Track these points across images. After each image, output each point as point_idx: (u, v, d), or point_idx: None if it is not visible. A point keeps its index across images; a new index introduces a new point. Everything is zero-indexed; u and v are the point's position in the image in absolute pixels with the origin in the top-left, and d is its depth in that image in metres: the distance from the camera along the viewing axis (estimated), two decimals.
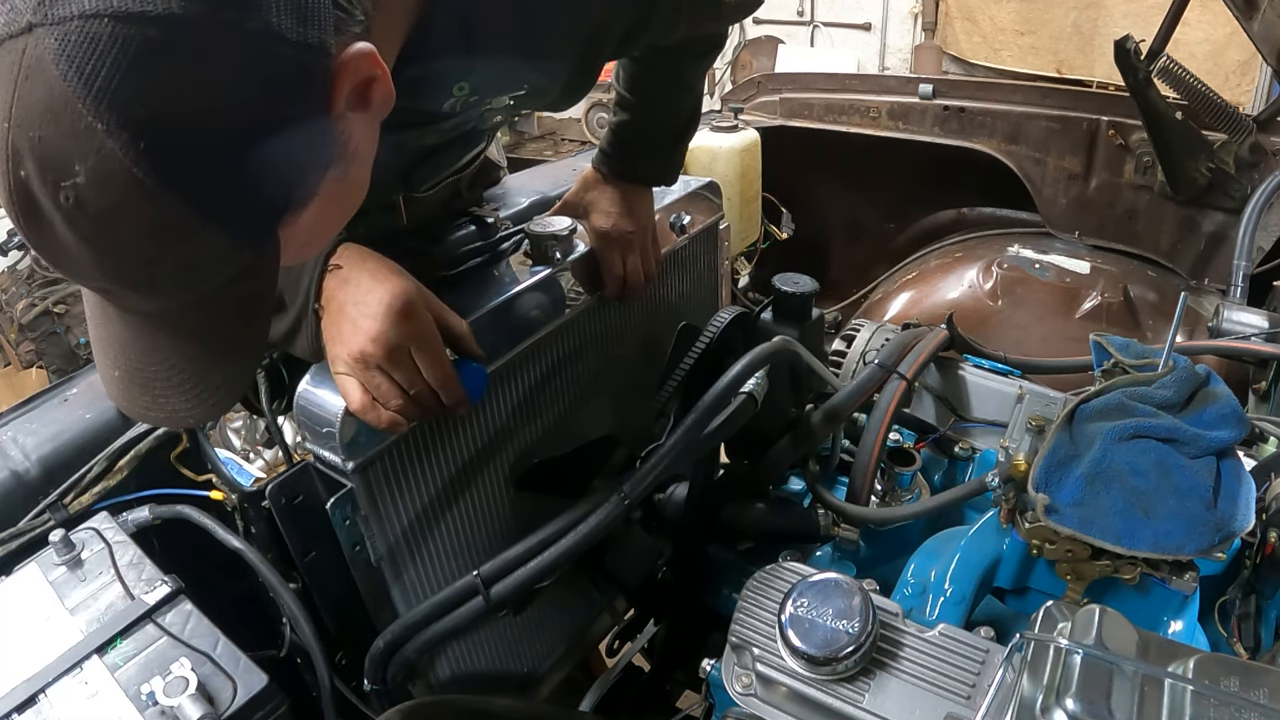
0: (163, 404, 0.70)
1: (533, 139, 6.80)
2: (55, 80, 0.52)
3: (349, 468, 1.04)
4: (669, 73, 1.26)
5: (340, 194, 0.71)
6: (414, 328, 0.93)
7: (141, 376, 0.69)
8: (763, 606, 0.89)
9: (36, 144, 0.53)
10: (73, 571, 0.99)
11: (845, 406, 1.23)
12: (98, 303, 0.69)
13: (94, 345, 0.72)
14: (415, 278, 0.99)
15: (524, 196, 1.79)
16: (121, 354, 0.69)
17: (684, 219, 1.51)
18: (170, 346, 0.68)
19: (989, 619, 1.03)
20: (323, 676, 1.10)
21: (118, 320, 0.68)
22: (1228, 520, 0.91)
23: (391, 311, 0.92)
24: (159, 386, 0.69)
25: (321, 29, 0.60)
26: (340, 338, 0.94)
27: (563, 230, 1.25)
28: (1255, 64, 4.50)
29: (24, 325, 4.07)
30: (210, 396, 0.71)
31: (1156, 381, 1.03)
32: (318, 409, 1.03)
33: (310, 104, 0.62)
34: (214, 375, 0.71)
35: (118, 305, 0.67)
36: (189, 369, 0.69)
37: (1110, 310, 2.20)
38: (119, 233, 0.57)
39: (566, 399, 1.35)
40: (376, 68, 0.65)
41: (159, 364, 0.69)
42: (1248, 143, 2.21)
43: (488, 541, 1.27)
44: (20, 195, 0.56)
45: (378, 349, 0.92)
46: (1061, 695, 0.68)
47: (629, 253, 1.31)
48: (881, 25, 6.05)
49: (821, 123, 2.78)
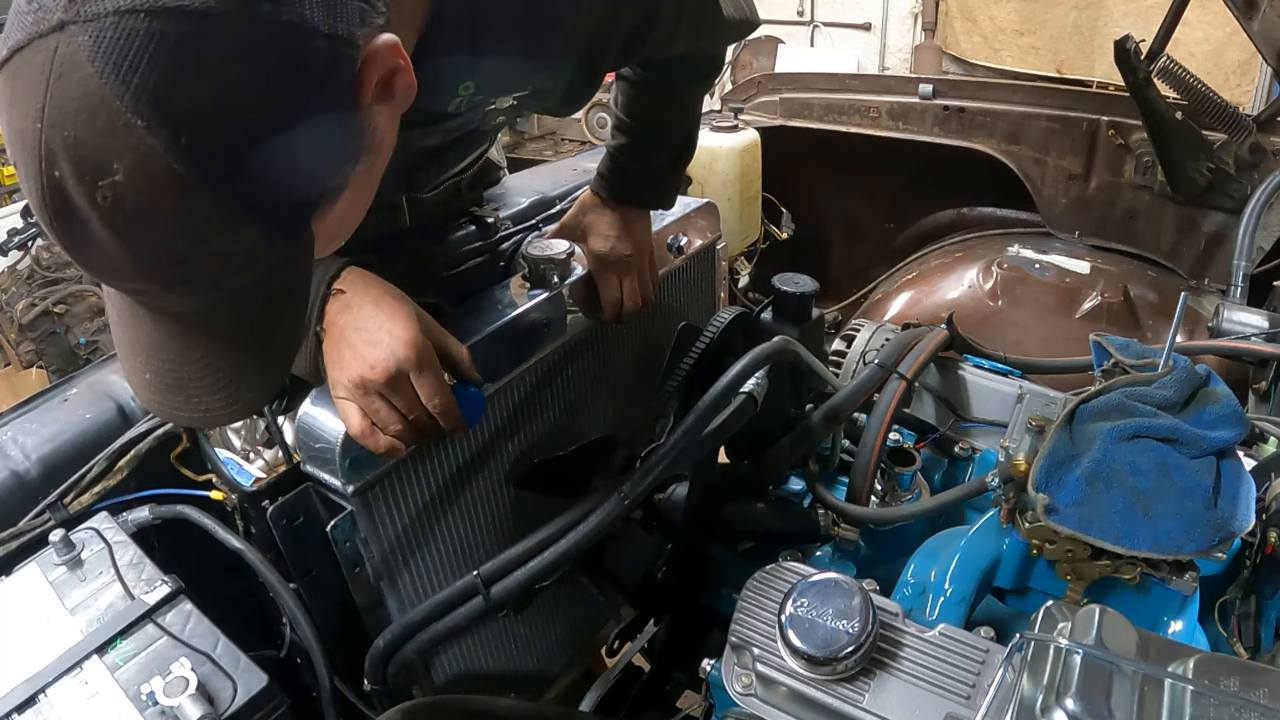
0: (195, 404, 0.70)
1: (533, 139, 6.81)
2: (91, 78, 0.51)
3: (349, 491, 1.05)
4: (667, 97, 1.27)
5: (366, 187, 0.71)
6: (414, 355, 0.93)
7: (174, 377, 0.69)
8: (763, 606, 0.89)
9: (72, 144, 0.53)
10: (73, 571, 0.99)
11: (845, 406, 1.23)
12: (126, 305, 0.68)
13: (122, 349, 0.71)
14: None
15: (524, 196, 1.79)
16: (153, 356, 0.68)
17: (681, 240, 1.53)
18: (203, 346, 0.68)
19: (989, 619, 1.03)
20: (323, 677, 1.10)
21: (148, 322, 0.67)
22: (1228, 520, 0.91)
23: (392, 339, 0.93)
24: (192, 387, 0.69)
25: (349, 21, 0.60)
26: (341, 363, 0.94)
27: (560, 253, 1.26)
28: (1255, 64, 4.50)
29: (24, 325, 4.06)
30: (244, 395, 0.71)
31: (1156, 381, 1.03)
32: (318, 433, 1.04)
33: (341, 96, 0.62)
34: (248, 373, 0.70)
35: (150, 306, 0.66)
36: (223, 368, 0.69)
37: (1110, 310, 2.20)
38: (157, 230, 0.57)
39: (562, 418, 1.35)
40: (400, 58, 0.65)
41: (192, 364, 0.68)
42: (1248, 143, 2.20)
43: (486, 559, 1.27)
44: (54, 197, 0.55)
45: (378, 376, 0.92)
46: (1061, 695, 0.68)
47: (626, 276, 1.32)
48: (881, 25, 6.05)
49: (821, 123, 2.78)
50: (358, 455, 1.03)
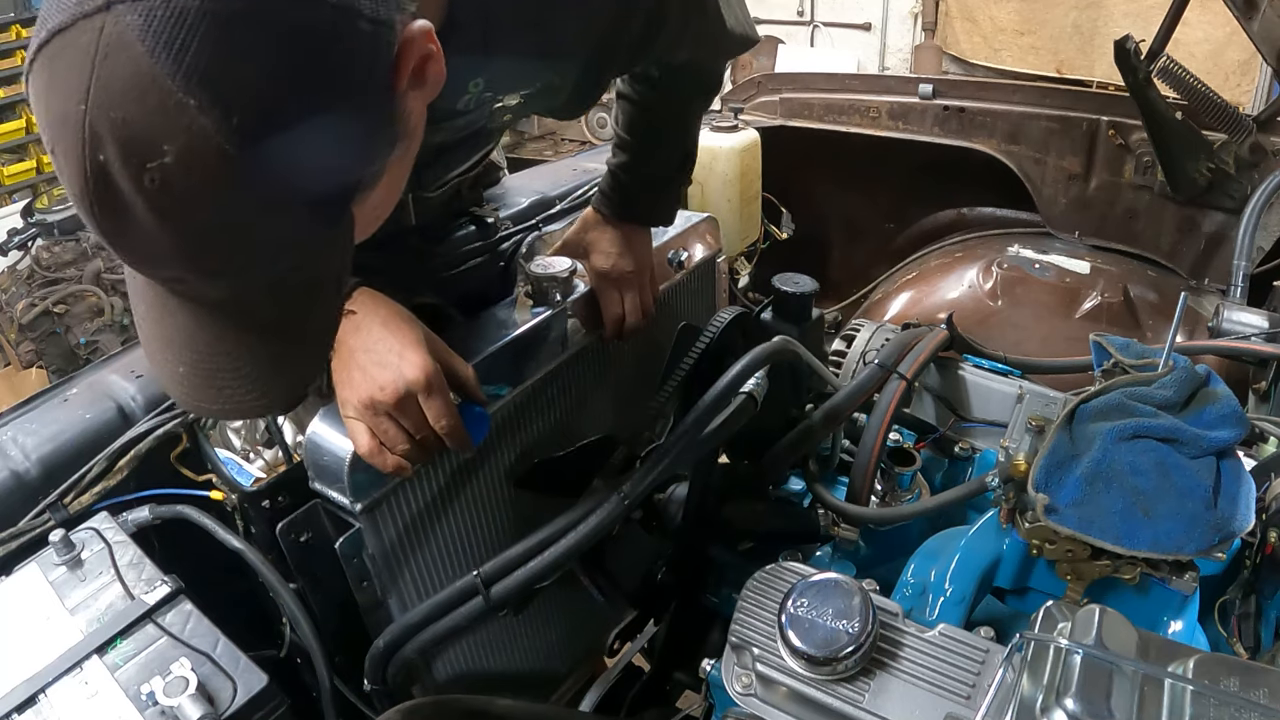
0: (228, 395, 0.68)
1: (533, 139, 6.80)
2: (141, 57, 0.51)
3: (357, 509, 1.06)
4: (667, 115, 1.30)
5: (399, 175, 0.71)
6: (423, 378, 0.95)
7: (207, 369, 0.67)
8: (763, 606, 0.89)
9: (120, 125, 0.52)
10: (73, 571, 0.99)
11: (845, 406, 1.23)
12: (158, 298, 0.66)
13: (151, 344, 0.70)
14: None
15: (524, 196, 1.79)
16: (186, 347, 0.67)
17: (682, 255, 1.54)
18: (239, 336, 0.66)
19: (989, 619, 1.03)
20: (323, 677, 1.10)
21: (181, 313, 0.66)
22: (1228, 520, 0.91)
23: (402, 361, 0.94)
24: (226, 378, 0.67)
25: (389, 5, 0.61)
26: (350, 383, 0.96)
27: (563, 271, 1.28)
28: (1255, 64, 4.50)
29: (24, 325, 4.06)
30: (280, 386, 0.70)
31: (1156, 381, 1.03)
32: (326, 452, 1.05)
33: (381, 80, 0.62)
34: (281, 365, 0.69)
35: (185, 295, 0.65)
36: (260, 357, 0.68)
37: (1110, 310, 2.20)
38: (203, 212, 0.56)
39: (563, 419, 1.36)
40: (433, 44, 0.65)
41: (227, 354, 0.67)
42: (1248, 143, 2.20)
43: (487, 559, 1.27)
44: (98, 181, 0.53)
45: (387, 397, 0.94)
46: (1061, 695, 0.68)
47: (628, 292, 1.34)
48: (881, 25, 6.04)
49: (821, 123, 2.78)
50: (365, 474, 1.04)
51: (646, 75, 1.23)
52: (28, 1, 5.58)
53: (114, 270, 4.29)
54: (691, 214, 1.64)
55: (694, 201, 2.40)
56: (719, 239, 1.68)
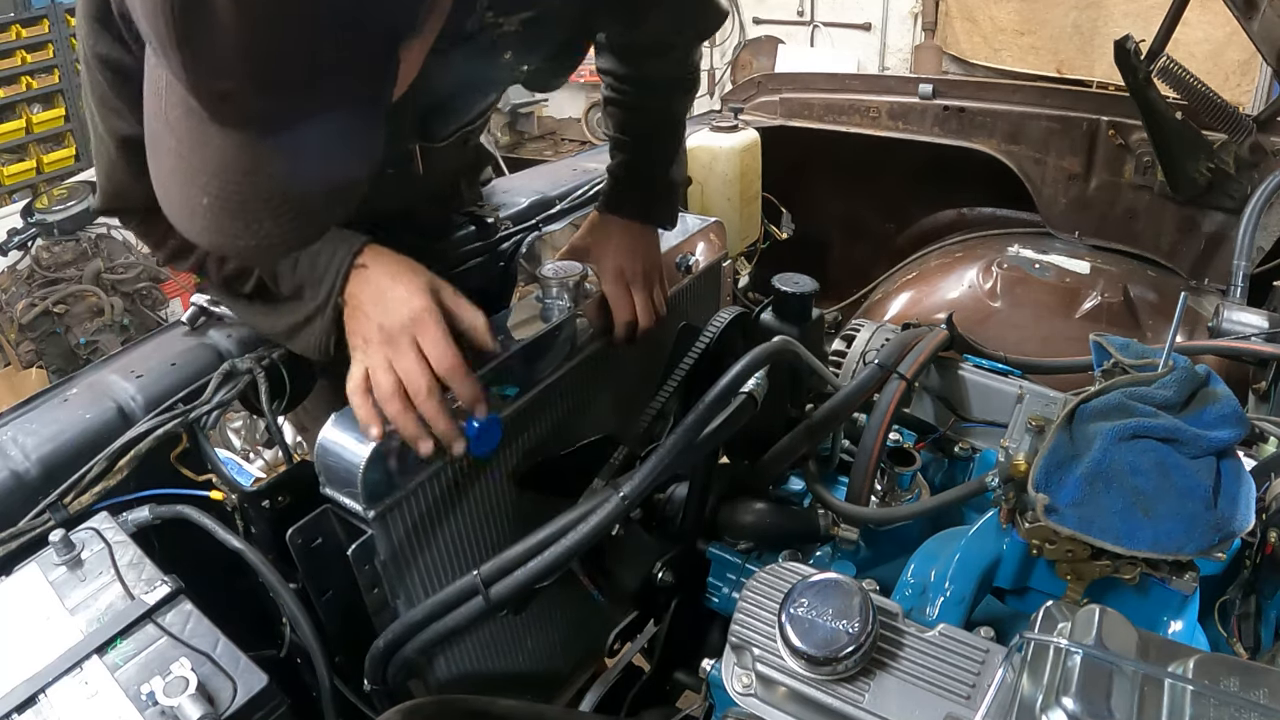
0: (255, 230, 0.68)
1: (532, 139, 6.81)
2: None
3: (369, 515, 1.06)
4: (656, 108, 1.38)
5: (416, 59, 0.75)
6: (416, 316, 0.98)
7: (236, 200, 0.67)
8: (763, 606, 0.89)
9: None
10: (73, 571, 0.99)
11: (845, 406, 1.23)
12: (194, 128, 0.66)
13: (172, 180, 0.69)
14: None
15: (524, 196, 1.79)
16: (216, 177, 0.67)
17: (690, 259, 1.55)
18: (271, 164, 0.66)
19: (989, 619, 1.03)
20: (323, 677, 1.10)
21: (217, 139, 0.65)
22: (1228, 520, 0.91)
23: (398, 301, 0.99)
24: (253, 207, 0.67)
25: None
26: (355, 328, 1.02)
27: (575, 275, 1.29)
28: (1255, 64, 4.50)
29: (24, 325, 4.07)
30: (306, 220, 0.70)
31: (1156, 381, 1.03)
32: (339, 458, 1.05)
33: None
34: (313, 200, 0.70)
35: (230, 118, 0.64)
36: (288, 188, 0.68)
37: (1110, 310, 2.20)
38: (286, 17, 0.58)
39: (564, 419, 1.36)
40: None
41: (260, 183, 0.67)
42: (1248, 143, 2.20)
43: (488, 559, 1.28)
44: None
45: (381, 336, 0.99)
46: (1061, 695, 0.68)
47: (638, 294, 1.35)
48: (881, 25, 6.04)
49: (821, 123, 2.78)
50: (378, 479, 1.04)
51: (629, 75, 1.32)
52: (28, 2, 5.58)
53: (114, 270, 4.30)
54: (699, 218, 1.65)
55: (694, 201, 2.40)
56: (725, 242, 1.69)
